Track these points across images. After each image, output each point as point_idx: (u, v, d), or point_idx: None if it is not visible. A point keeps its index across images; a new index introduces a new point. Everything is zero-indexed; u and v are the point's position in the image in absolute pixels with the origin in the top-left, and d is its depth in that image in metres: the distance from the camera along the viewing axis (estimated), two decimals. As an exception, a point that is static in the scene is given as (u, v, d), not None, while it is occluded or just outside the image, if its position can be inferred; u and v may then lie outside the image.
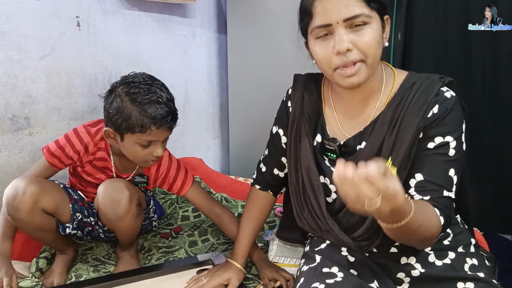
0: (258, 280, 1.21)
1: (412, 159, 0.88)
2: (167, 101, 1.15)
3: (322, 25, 0.84)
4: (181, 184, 1.34)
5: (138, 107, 1.11)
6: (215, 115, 2.56)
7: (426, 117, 0.86)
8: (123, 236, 1.31)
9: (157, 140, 1.17)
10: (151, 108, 1.11)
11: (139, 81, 1.15)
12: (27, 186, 1.13)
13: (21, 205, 1.11)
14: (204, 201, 1.37)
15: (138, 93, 1.12)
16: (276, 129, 1.12)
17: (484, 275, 0.90)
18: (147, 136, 1.14)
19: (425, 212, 0.81)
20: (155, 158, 1.21)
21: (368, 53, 0.83)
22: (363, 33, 0.83)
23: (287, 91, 1.10)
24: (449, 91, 0.89)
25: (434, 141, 0.86)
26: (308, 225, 1.05)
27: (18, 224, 1.16)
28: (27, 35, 1.48)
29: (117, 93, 1.14)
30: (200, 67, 2.36)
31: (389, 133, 0.89)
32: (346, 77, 0.85)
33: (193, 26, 2.26)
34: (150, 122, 1.11)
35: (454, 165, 0.86)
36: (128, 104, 1.12)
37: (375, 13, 0.84)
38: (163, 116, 1.13)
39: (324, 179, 0.99)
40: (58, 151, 1.23)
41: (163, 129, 1.16)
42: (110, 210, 1.19)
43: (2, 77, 1.43)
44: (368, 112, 0.94)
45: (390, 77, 0.95)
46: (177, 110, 1.21)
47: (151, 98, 1.12)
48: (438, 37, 1.91)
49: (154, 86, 1.15)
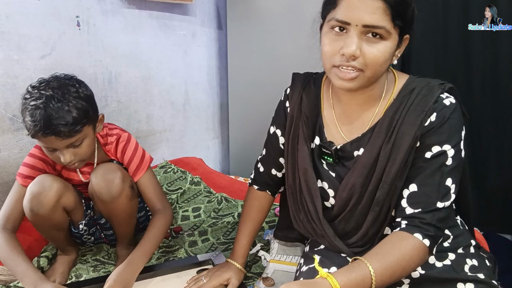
0: (257, 278, 1.21)
1: (409, 168, 0.87)
2: (57, 109, 1.04)
3: (342, 20, 0.81)
4: (135, 169, 1.28)
5: (25, 113, 1.07)
6: (215, 115, 2.56)
7: (423, 125, 0.85)
8: (119, 223, 1.29)
9: (54, 147, 1.10)
10: (33, 115, 1.04)
11: (38, 85, 1.08)
12: (52, 182, 1.14)
13: (45, 201, 1.13)
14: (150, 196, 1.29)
15: (30, 98, 1.06)
16: (273, 129, 1.11)
17: (484, 276, 0.90)
18: (41, 142, 1.11)
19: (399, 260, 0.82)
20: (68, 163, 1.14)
21: (371, 67, 0.81)
22: (376, 46, 0.80)
23: (285, 90, 1.08)
24: (449, 97, 0.87)
25: (431, 151, 0.85)
26: (303, 228, 1.05)
27: (36, 220, 1.17)
28: (27, 35, 1.48)
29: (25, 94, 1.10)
30: (200, 67, 2.36)
31: (386, 142, 0.88)
32: (340, 79, 0.84)
33: (193, 26, 2.26)
34: (32, 129, 1.06)
35: (451, 174, 0.85)
36: (22, 108, 1.08)
37: (396, 30, 0.82)
38: (36, 125, 1.03)
39: (322, 183, 0.99)
40: (30, 171, 1.21)
41: (52, 137, 1.06)
42: (105, 190, 1.18)
43: (2, 77, 1.43)
44: (366, 117, 0.93)
45: (391, 82, 0.93)
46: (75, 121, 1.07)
47: (37, 104, 1.04)
48: (438, 37, 1.91)
49: (49, 91, 1.06)
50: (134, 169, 1.28)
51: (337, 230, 0.97)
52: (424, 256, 0.85)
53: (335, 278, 0.78)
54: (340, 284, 0.77)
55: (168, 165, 2.02)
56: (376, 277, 0.79)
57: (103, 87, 1.79)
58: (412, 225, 0.85)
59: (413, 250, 0.83)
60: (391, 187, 0.88)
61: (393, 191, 0.88)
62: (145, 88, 2.02)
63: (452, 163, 0.85)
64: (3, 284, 1.21)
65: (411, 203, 0.87)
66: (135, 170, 1.28)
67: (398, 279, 0.85)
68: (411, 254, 0.83)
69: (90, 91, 1.17)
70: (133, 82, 1.95)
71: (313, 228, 1.00)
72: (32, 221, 1.18)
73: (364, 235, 0.93)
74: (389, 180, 0.87)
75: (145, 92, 2.03)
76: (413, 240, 0.83)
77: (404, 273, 0.83)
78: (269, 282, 1.17)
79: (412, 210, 0.86)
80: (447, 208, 0.86)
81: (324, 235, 0.97)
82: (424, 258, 0.85)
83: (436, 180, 0.85)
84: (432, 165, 0.85)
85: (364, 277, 0.79)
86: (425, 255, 0.85)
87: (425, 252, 0.84)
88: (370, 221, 0.92)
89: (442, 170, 0.85)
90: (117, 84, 1.86)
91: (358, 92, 0.89)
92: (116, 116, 1.88)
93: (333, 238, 0.96)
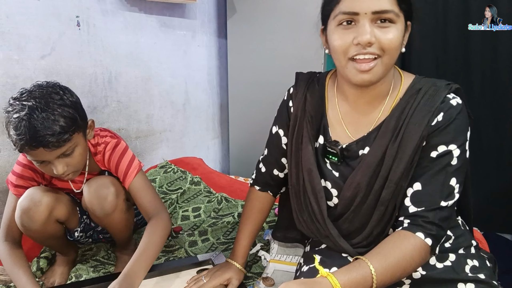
0: (257, 278, 1.21)
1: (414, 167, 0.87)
2: (42, 119, 0.98)
3: (349, 12, 0.81)
4: (123, 175, 1.21)
5: (9, 126, 1.01)
6: (215, 115, 2.56)
7: (430, 125, 0.85)
8: (116, 233, 1.28)
9: (44, 159, 1.05)
10: (17, 128, 0.98)
11: (20, 96, 1.02)
12: (42, 197, 1.10)
13: (36, 216, 1.10)
14: (141, 202, 1.20)
15: (12, 110, 1.00)
16: (276, 129, 1.10)
17: (484, 276, 0.90)
18: (30, 156, 1.05)
19: (400, 260, 0.82)
20: (61, 175, 1.08)
21: (389, 50, 0.81)
22: (388, 30, 0.81)
23: (288, 90, 1.08)
24: (455, 98, 0.87)
25: (437, 150, 0.85)
26: (307, 228, 1.04)
27: (29, 234, 1.15)
28: (27, 35, 1.48)
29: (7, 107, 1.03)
30: (200, 67, 2.36)
31: (392, 141, 0.88)
32: (359, 72, 0.83)
33: (193, 26, 2.26)
34: (18, 143, 1.00)
35: (456, 174, 0.86)
36: (6, 122, 1.02)
37: (402, 15, 0.83)
38: (21, 138, 0.97)
39: (325, 182, 0.98)
40: (20, 180, 1.17)
41: (40, 149, 1.00)
42: (98, 207, 1.16)
43: (2, 77, 1.43)
44: (373, 116, 0.93)
45: (398, 81, 0.93)
46: (63, 130, 1.01)
47: (20, 116, 0.98)
48: (438, 37, 1.91)
49: (32, 101, 1.00)
50: (122, 176, 1.21)
51: (341, 230, 0.97)
52: (426, 256, 0.84)
53: (336, 277, 0.78)
54: (340, 283, 0.77)
55: (168, 165, 2.03)
56: (377, 276, 0.79)
57: (103, 87, 1.79)
58: (415, 224, 0.85)
59: (414, 250, 0.83)
60: (397, 186, 0.88)
61: (398, 191, 0.88)
62: (145, 88, 2.02)
63: (457, 163, 0.85)
64: (3, 284, 1.21)
65: (415, 201, 0.87)
66: (123, 176, 1.20)
67: (399, 279, 0.85)
68: (412, 254, 0.82)
69: (76, 97, 1.10)
70: (133, 82, 1.95)
71: (317, 228, 1.00)
72: (26, 234, 1.16)
73: (368, 234, 0.93)
74: (395, 179, 0.87)
75: (145, 92, 2.03)
76: (414, 240, 0.83)
77: (405, 273, 0.83)
78: (269, 282, 1.17)
79: (416, 208, 0.86)
80: (450, 208, 0.86)
81: (329, 235, 0.97)
82: (426, 258, 0.85)
83: (441, 179, 0.85)
84: (437, 164, 0.85)
85: (365, 277, 0.79)
86: (426, 254, 0.84)
87: (427, 252, 0.84)
88: (375, 220, 0.91)
89: (447, 170, 0.85)
90: (117, 84, 1.86)
91: (368, 88, 0.88)
92: (116, 116, 1.88)
93: (338, 238, 0.95)
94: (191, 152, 2.35)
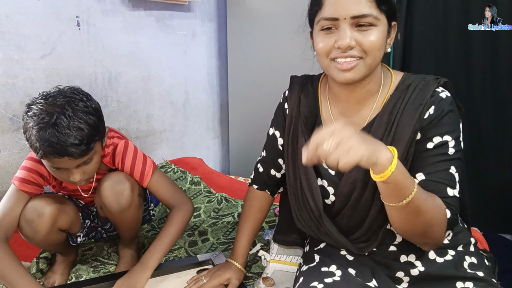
0: (257, 278, 1.21)
1: (412, 162, 0.88)
2: (69, 128, 0.97)
3: (329, 17, 0.84)
4: (139, 176, 1.22)
5: (31, 132, 0.98)
6: (215, 115, 2.56)
7: (422, 118, 0.87)
8: (126, 229, 1.29)
9: (64, 167, 1.03)
10: (42, 136, 0.96)
11: (44, 101, 1.00)
12: (45, 208, 1.09)
13: (39, 228, 1.09)
14: (162, 196, 1.25)
15: (35, 116, 0.97)
16: (272, 131, 1.13)
17: (483, 274, 0.90)
18: (49, 163, 1.03)
19: (431, 198, 0.81)
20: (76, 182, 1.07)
21: (370, 52, 0.84)
22: (369, 33, 0.83)
23: (284, 93, 1.10)
24: (444, 91, 0.89)
25: (433, 141, 0.87)
26: (306, 226, 1.05)
27: (31, 242, 1.15)
28: (27, 35, 1.48)
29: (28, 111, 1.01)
30: (200, 67, 2.36)
31: (386, 136, 0.89)
32: (341, 71, 0.86)
33: (193, 26, 2.26)
34: (41, 151, 0.98)
35: (454, 163, 0.87)
36: (26, 126, 1.00)
37: (384, 16, 0.85)
38: (46, 146, 0.96)
39: (321, 181, 0.99)
40: (28, 174, 1.12)
41: (65, 158, 0.99)
42: (114, 203, 1.16)
43: (2, 77, 1.43)
44: (364, 114, 0.95)
45: (388, 78, 0.95)
46: (89, 139, 1.01)
47: (45, 123, 0.96)
48: (438, 37, 1.91)
49: (57, 108, 0.98)
50: (139, 176, 1.22)
51: (341, 226, 0.97)
52: (444, 224, 0.83)
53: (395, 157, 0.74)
54: (396, 163, 0.73)
55: (168, 165, 2.03)
56: (417, 193, 0.77)
57: (103, 87, 1.79)
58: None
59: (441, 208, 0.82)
60: None
61: None
62: (145, 88, 2.02)
63: (454, 153, 0.86)
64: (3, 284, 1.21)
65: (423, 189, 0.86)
66: (140, 177, 1.22)
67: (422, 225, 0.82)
68: (440, 209, 0.82)
69: (96, 103, 1.09)
70: (133, 82, 1.95)
71: (316, 226, 1.01)
72: (28, 242, 1.16)
73: (368, 229, 0.94)
74: None
75: (145, 92, 2.03)
76: (441, 202, 0.83)
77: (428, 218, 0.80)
78: (269, 282, 1.17)
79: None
80: (457, 198, 0.86)
81: (328, 231, 0.98)
82: (444, 225, 0.83)
83: (443, 167, 0.86)
84: (435, 154, 0.86)
85: (411, 180, 0.78)
86: (445, 223, 0.83)
87: (445, 220, 0.83)
88: (373, 214, 0.92)
89: (446, 159, 0.86)
90: (117, 84, 1.86)
91: (357, 87, 0.91)
92: (116, 116, 1.89)
93: (337, 235, 0.97)
94: (191, 152, 2.35)
